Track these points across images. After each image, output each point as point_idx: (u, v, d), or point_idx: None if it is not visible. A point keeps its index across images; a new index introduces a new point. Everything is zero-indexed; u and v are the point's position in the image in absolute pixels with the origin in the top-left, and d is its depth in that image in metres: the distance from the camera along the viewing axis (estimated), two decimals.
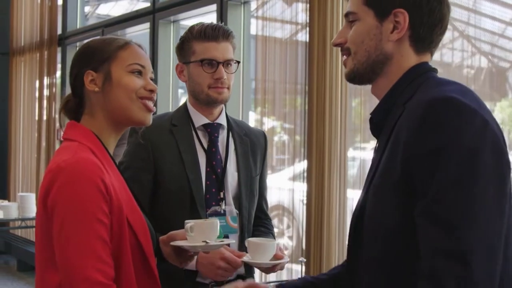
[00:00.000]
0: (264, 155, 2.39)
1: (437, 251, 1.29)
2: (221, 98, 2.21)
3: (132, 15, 5.96)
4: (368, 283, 1.48)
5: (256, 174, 2.32)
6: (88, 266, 1.47)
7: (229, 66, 2.21)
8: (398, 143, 1.38)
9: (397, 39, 1.49)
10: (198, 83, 2.20)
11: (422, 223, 1.32)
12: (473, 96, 1.41)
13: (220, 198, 2.19)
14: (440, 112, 1.32)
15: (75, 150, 1.59)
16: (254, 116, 4.56)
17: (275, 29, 4.42)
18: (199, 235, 1.77)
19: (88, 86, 1.70)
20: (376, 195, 1.44)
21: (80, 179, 1.51)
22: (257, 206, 2.35)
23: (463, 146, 1.30)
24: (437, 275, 1.28)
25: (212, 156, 2.23)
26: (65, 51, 6.94)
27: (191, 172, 2.16)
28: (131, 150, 2.21)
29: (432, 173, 1.30)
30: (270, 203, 4.14)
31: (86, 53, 1.74)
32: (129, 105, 1.69)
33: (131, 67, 1.71)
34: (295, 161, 4.45)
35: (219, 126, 2.27)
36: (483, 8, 3.52)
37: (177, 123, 2.24)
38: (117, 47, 1.72)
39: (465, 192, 1.29)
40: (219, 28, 2.19)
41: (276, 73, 4.38)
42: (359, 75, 1.54)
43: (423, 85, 1.46)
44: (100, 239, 1.51)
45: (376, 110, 1.56)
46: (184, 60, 2.24)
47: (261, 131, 2.45)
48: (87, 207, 1.50)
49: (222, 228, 2.14)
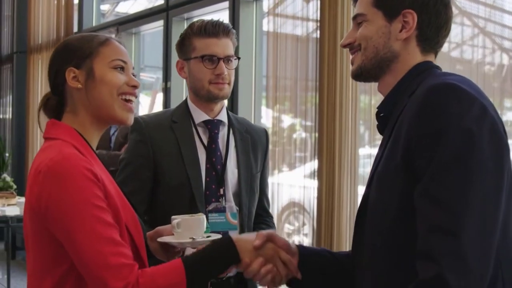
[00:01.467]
0: (265, 153, 2.39)
1: (432, 229, 1.33)
2: (222, 94, 2.21)
3: (146, 13, 5.98)
4: (373, 274, 1.50)
5: (256, 171, 2.31)
6: (106, 253, 1.48)
7: (229, 62, 2.22)
8: (401, 131, 1.44)
9: (405, 38, 1.56)
10: (198, 79, 2.20)
11: (420, 202, 1.37)
12: (473, 85, 1.46)
13: (220, 194, 2.19)
14: (440, 97, 1.38)
15: (59, 148, 1.57)
16: (271, 113, 4.53)
17: (286, 25, 4.40)
18: (186, 231, 1.77)
19: (71, 83, 1.68)
20: (379, 183, 1.49)
21: (69, 175, 1.50)
22: (258, 204, 2.35)
23: (461, 128, 1.34)
24: (432, 252, 1.32)
25: (212, 153, 2.23)
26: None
27: (191, 169, 2.17)
28: (131, 147, 2.22)
29: (431, 154, 1.35)
30: (286, 200, 4.13)
31: (66, 51, 1.71)
32: (112, 103, 1.67)
33: (114, 63, 1.69)
34: (310, 158, 4.43)
35: (220, 123, 2.27)
36: (504, 4, 3.49)
37: (177, 120, 2.24)
38: (98, 43, 1.70)
39: (462, 173, 1.33)
40: (220, 25, 2.19)
41: (288, 70, 4.36)
42: (366, 71, 1.60)
43: (426, 78, 1.51)
44: (107, 224, 1.51)
45: (382, 104, 1.62)
46: (184, 56, 2.24)
47: (262, 129, 2.45)
48: (83, 198, 1.50)
49: (222, 225, 2.16)
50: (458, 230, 1.31)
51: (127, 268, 1.50)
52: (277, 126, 4.55)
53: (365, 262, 1.53)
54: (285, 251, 1.71)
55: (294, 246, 1.74)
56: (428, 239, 1.34)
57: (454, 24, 3.59)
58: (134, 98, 1.72)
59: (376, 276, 1.50)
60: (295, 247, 1.73)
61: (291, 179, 4.55)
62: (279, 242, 1.71)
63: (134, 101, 1.73)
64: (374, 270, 1.50)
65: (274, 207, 4.51)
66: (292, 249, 1.72)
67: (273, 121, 4.57)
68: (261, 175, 2.36)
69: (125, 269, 1.50)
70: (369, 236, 1.52)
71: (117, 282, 1.48)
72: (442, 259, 1.30)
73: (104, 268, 1.48)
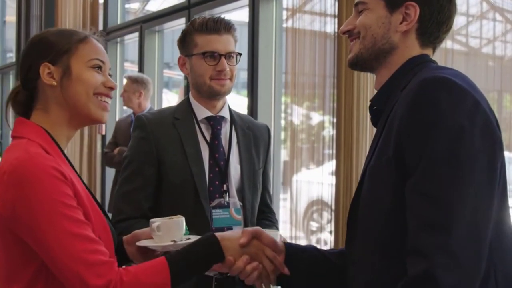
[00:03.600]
0: (268, 149, 2.39)
1: (423, 225, 1.32)
2: (224, 90, 2.22)
3: (168, 11, 6.01)
4: (365, 268, 1.49)
5: (259, 167, 2.31)
6: (82, 251, 1.43)
7: (231, 58, 2.22)
8: (393, 124, 1.42)
9: (405, 31, 1.53)
10: (200, 75, 2.21)
11: (410, 198, 1.35)
12: (466, 79, 1.43)
13: (224, 190, 2.20)
14: (432, 90, 1.36)
15: (25, 147, 1.52)
16: (300, 110, 4.50)
17: (304, 21, 4.38)
18: (167, 234, 1.75)
19: (45, 79, 1.61)
20: (371, 176, 1.48)
21: (35, 174, 1.45)
22: (261, 200, 2.35)
23: (453, 122, 1.32)
24: (422, 248, 1.30)
25: (214, 149, 2.23)
26: (106, 47, 7.03)
27: (194, 165, 2.17)
28: (134, 144, 2.23)
29: (422, 148, 1.34)
30: (311, 197, 4.10)
31: (42, 45, 1.64)
32: (87, 101, 1.62)
33: (92, 62, 1.64)
34: (329, 155, 4.40)
35: (222, 119, 2.28)
36: None
37: (179, 117, 2.25)
38: (77, 40, 1.64)
39: (453, 168, 1.31)
40: (221, 21, 2.20)
41: (306, 66, 4.34)
42: (362, 60, 1.58)
43: (419, 72, 1.49)
44: (79, 221, 1.46)
45: (375, 98, 1.60)
46: (186, 53, 2.25)
47: (264, 125, 2.44)
48: (52, 197, 1.44)
49: (226, 221, 2.17)
50: (448, 226, 1.29)
51: (106, 265, 1.46)
52: (305, 124, 4.53)
53: (358, 256, 1.52)
54: (271, 248, 1.70)
55: (281, 244, 1.73)
56: (418, 235, 1.32)
57: (485, 20, 3.55)
58: (109, 100, 1.67)
59: (368, 271, 1.48)
60: (282, 245, 1.72)
61: (316, 177, 4.52)
62: (265, 240, 1.70)
63: (109, 102, 1.67)
64: (367, 264, 1.49)
65: (298, 205, 4.50)
66: (278, 246, 1.71)
67: (301, 119, 4.53)
68: (264, 171, 2.36)
69: (104, 266, 1.45)
70: (362, 231, 1.51)
71: (97, 280, 1.43)
72: (432, 255, 1.29)
73: (81, 266, 1.42)
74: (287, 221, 4.50)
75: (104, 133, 6.83)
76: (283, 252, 1.71)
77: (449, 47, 3.61)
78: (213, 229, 2.15)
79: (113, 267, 1.47)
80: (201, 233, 2.10)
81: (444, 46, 3.57)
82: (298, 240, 4.51)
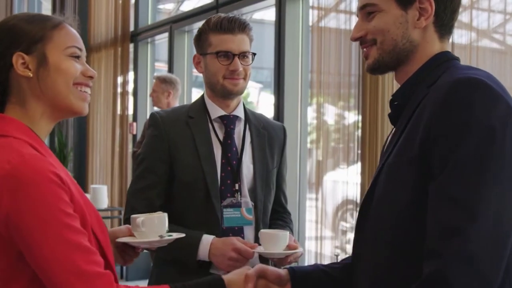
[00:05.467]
0: (283, 149, 2.37)
1: (445, 227, 1.28)
2: (237, 90, 2.21)
3: (197, 11, 6.05)
4: (373, 266, 1.47)
5: (273, 167, 2.30)
6: (78, 262, 1.35)
7: (245, 58, 2.21)
8: (420, 122, 1.38)
9: (424, 26, 1.49)
10: (213, 74, 2.21)
11: (434, 200, 1.32)
12: (497, 81, 1.40)
13: (235, 190, 2.19)
14: (466, 91, 1.32)
15: (16, 148, 1.40)
16: (334, 110, 4.47)
17: (329, 19, 4.36)
18: (150, 230, 1.72)
19: (19, 70, 1.48)
20: (389, 173, 1.45)
21: (33, 180, 1.35)
22: (275, 200, 2.33)
23: (486, 126, 1.29)
24: (441, 252, 1.27)
25: (227, 148, 2.23)
26: (137, 47, 7.12)
27: (206, 164, 2.17)
28: (148, 142, 2.25)
29: (450, 150, 1.30)
30: (343, 197, 4.07)
31: (12, 32, 1.49)
32: (67, 93, 1.50)
33: (70, 51, 1.51)
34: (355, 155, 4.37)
35: (236, 118, 2.27)
36: None
37: (193, 115, 2.25)
38: (51, 27, 1.51)
39: (481, 173, 1.28)
40: (235, 20, 2.19)
41: (331, 65, 4.32)
42: (384, 64, 1.53)
43: (448, 70, 1.45)
44: (76, 230, 1.37)
45: (398, 93, 1.55)
46: (201, 51, 2.25)
47: (280, 125, 2.43)
48: (50, 205, 1.35)
49: (237, 220, 2.17)
50: (472, 233, 1.26)
51: (103, 279, 1.37)
52: (332, 123, 4.50)
53: (366, 254, 1.50)
54: (277, 283, 1.69)
55: (285, 273, 1.71)
56: (439, 238, 1.29)
57: None
58: (89, 90, 1.56)
59: (375, 268, 1.46)
60: (286, 274, 1.71)
61: (345, 176, 4.49)
62: (271, 276, 1.69)
63: (89, 92, 1.56)
64: (374, 262, 1.47)
65: (329, 204, 4.47)
66: (283, 278, 1.70)
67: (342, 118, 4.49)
68: (278, 171, 2.35)
69: (101, 279, 1.37)
70: (373, 229, 1.48)
71: None
72: (449, 259, 1.26)
73: (77, 278, 1.33)
74: (318, 221, 4.48)
75: (135, 133, 6.90)
76: (288, 282, 1.70)
77: (486, 45, 3.56)
78: (224, 228, 2.16)
79: (110, 281, 1.39)
80: (212, 231, 2.12)
81: (476, 45, 3.53)
82: (328, 240, 4.48)
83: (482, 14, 3.61)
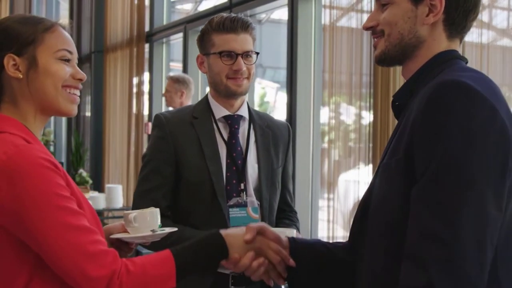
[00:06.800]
0: (288, 148, 2.38)
1: (425, 233, 1.28)
2: (240, 90, 2.22)
3: (211, 11, 6.06)
4: (370, 266, 1.47)
5: (277, 166, 2.31)
6: (82, 243, 1.39)
7: (248, 57, 2.22)
8: (407, 124, 1.38)
9: (432, 23, 1.48)
10: (216, 73, 2.22)
11: (414, 203, 1.31)
12: (489, 86, 1.37)
13: (241, 189, 2.20)
14: (448, 94, 1.31)
15: (11, 141, 1.45)
16: (353, 110, 4.44)
17: (341, 18, 4.34)
18: (143, 225, 1.75)
19: (10, 72, 1.53)
20: (383, 174, 1.45)
21: (26, 167, 1.39)
22: (281, 199, 2.34)
23: (467, 129, 1.27)
24: (422, 258, 1.27)
25: (232, 148, 2.24)
26: (152, 47, 7.15)
27: (211, 164, 2.18)
28: (153, 143, 2.26)
29: (432, 153, 1.29)
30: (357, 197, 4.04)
31: (6, 34, 1.54)
32: (56, 95, 1.54)
33: (60, 54, 1.55)
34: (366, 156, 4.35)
35: (240, 118, 2.28)
36: None
37: (198, 116, 2.26)
38: (43, 29, 1.55)
39: (461, 177, 1.26)
40: (238, 20, 2.20)
41: (343, 64, 4.30)
42: (390, 57, 1.53)
43: (444, 70, 1.44)
44: (75, 212, 1.42)
45: (398, 92, 1.55)
46: (204, 51, 2.27)
47: (284, 124, 2.43)
48: (45, 190, 1.40)
49: (243, 219, 2.18)
50: (451, 238, 1.25)
51: (109, 256, 1.42)
52: (364, 123, 4.49)
53: (364, 253, 1.50)
54: (275, 243, 1.68)
55: (285, 239, 1.72)
56: (419, 244, 1.28)
57: None
58: (78, 92, 1.60)
59: (373, 271, 1.46)
60: (286, 240, 1.71)
61: (357, 176, 4.47)
62: (270, 235, 1.69)
63: (78, 94, 1.60)
64: (373, 264, 1.46)
65: (347, 204, 4.46)
66: (282, 242, 1.70)
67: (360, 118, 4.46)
68: (284, 170, 2.35)
69: (107, 256, 1.42)
70: (370, 227, 1.48)
71: (100, 270, 1.39)
72: (432, 268, 1.25)
73: (82, 257, 1.38)
74: (331, 221, 4.46)
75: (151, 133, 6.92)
76: (287, 248, 1.70)
77: (507, 45, 3.53)
78: (230, 227, 2.14)
79: (117, 257, 1.44)
80: None
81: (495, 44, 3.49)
82: (341, 240, 4.46)
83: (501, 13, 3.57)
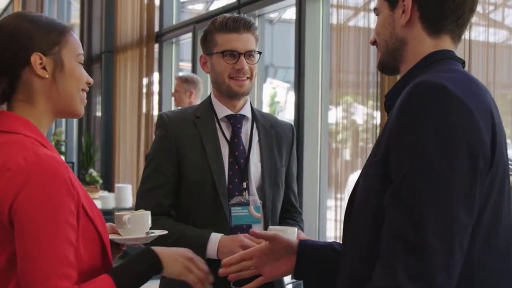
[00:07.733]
0: (291, 148, 2.38)
1: (395, 235, 1.28)
2: (242, 91, 2.23)
3: (219, 11, 6.07)
4: (351, 263, 1.47)
5: (281, 166, 2.31)
6: (58, 273, 1.40)
7: (251, 57, 2.23)
8: (387, 125, 1.39)
9: (407, 22, 1.47)
10: (219, 73, 2.23)
11: (388, 204, 1.31)
12: (467, 87, 1.35)
13: (243, 188, 2.20)
14: (421, 96, 1.30)
15: (30, 146, 1.46)
16: (361, 109, 4.42)
17: (348, 18, 4.34)
18: (136, 227, 1.76)
19: (38, 70, 1.52)
20: (366, 174, 1.45)
21: (51, 181, 1.41)
22: (285, 199, 2.34)
23: (438, 131, 1.26)
24: (392, 261, 1.27)
25: (234, 147, 2.24)
26: (162, 48, 7.18)
27: (213, 163, 2.19)
28: (156, 142, 2.27)
29: (404, 156, 1.29)
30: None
31: (31, 32, 1.53)
32: (77, 97, 1.59)
33: (80, 58, 1.60)
34: None
35: (243, 117, 2.29)
36: None
37: (200, 115, 2.28)
38: (66, 32, 1.58)
39: (433, 179, 1.26)
40: (241, 20, 2.21)
41: (350, 64, 4.30)
42: (385, 65, 1.56)
43: (431, 71, 1.43)
44: (70, 242, 1.43)
45: (389, 93, 1.55)
46: (207, 51, 2.28)
47: (288, 124, 2.43)
48: (59, 211, 1.41)
49: (245, 218, 2.19)
50: (419, 242, 1.25)
51: None
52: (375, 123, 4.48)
53: (347, 254, 1.50)
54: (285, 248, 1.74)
55: (296, 243, 1.76)
56: (389, 245, 1.29)
57: None
58: (85, 95, 1.65)
59: (353, 270, 1.46)
60: (296, 245, 1.76)
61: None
62: (283, 241, 1.75)
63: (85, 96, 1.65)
64: (353, 263, 1.47)
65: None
66: (293, 246, 1.75)
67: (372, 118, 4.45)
68: (287, 170, 2.35)
69: None
70: (352, 225, 1.48)
71: None
72: (402, 272, 1.25)
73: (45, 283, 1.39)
74: (341, 221, 4.46)
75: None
76: (295, 253, 1.74)
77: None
78: (232, 226, 2.17)
79: None
80: (220, 230, 2.14)
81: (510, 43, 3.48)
82: None
83: None
